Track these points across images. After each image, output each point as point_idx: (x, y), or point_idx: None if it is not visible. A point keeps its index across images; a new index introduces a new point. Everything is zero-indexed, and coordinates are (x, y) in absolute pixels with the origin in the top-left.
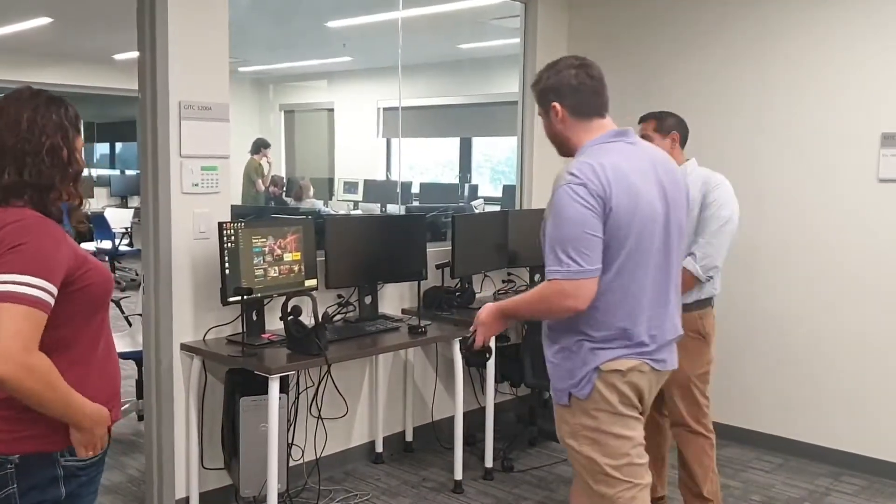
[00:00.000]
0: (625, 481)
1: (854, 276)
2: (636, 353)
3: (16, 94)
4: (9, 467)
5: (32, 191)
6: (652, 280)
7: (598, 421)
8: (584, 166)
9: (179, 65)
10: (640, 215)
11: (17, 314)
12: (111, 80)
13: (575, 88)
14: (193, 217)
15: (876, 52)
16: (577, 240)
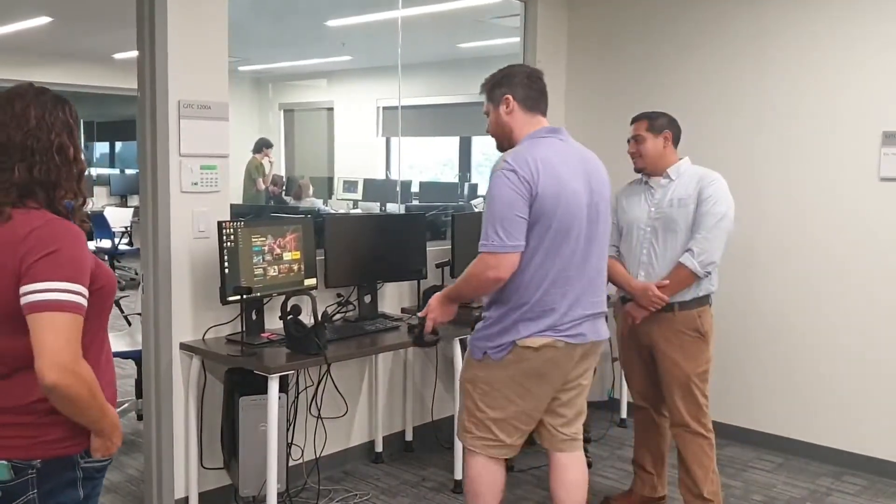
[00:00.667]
0: (492, 433)
1: (855, 275)
2: (551, 331)
3: (20, 90)
4: (30, 472)
5: (42, 190)
6: (572, 261)
7: (497, 381)
8: (518, 156)
9: (179, 64)
10: (564, 202)
11: (64, 322)
12: (111, 79)
13: (526, 84)
14: (193, 216)
15: (876, 50)
16: (504, 219)
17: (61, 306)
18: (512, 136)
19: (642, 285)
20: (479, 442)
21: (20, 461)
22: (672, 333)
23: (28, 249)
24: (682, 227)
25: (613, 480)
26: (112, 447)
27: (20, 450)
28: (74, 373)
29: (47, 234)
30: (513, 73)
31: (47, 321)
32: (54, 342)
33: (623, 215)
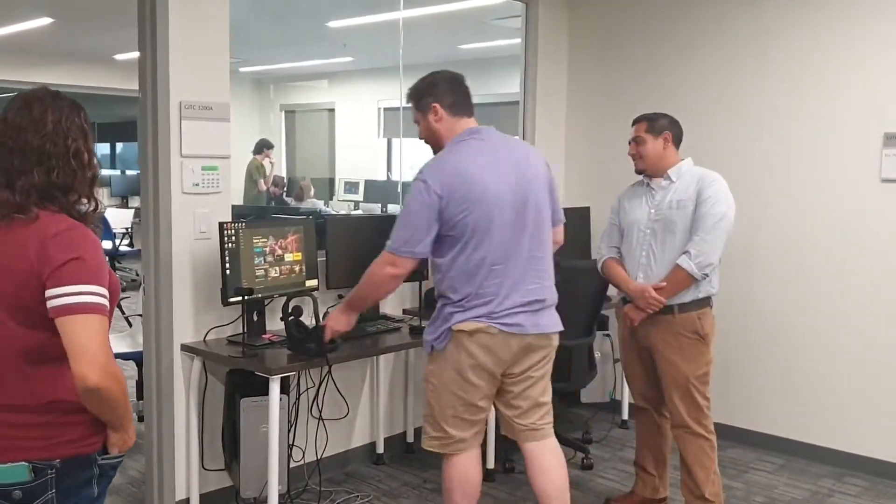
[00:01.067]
0: (443, 429)
1: (856, 276)
2: (485, 318)
3: (37, 94)
4: (50, 472)
5: (60, 193)
6: (500, 253)
7: (444, 375)
8: (431, 167)
9: (180, 65)
10: (478, 200)
11: (96, 324)
12: (112, 80)
13: (452, 90)
14: (194, 217)
15: (878, 51)
16: (409, 226)
17: (92, 308)
18: (442, 141)
19: (639, 287)
20: (436, 442)
21: (40, 462)
22: (671, 336)
23: (53, 253)
24: (681, 228)
25: (615, 482)
26: (129, 441)
27: (40, 450)
28: (111, 373)
29: (72, 239)
30: (437, 81)
31: (80, 324)
32: (91, 344)
33: (624, 216)
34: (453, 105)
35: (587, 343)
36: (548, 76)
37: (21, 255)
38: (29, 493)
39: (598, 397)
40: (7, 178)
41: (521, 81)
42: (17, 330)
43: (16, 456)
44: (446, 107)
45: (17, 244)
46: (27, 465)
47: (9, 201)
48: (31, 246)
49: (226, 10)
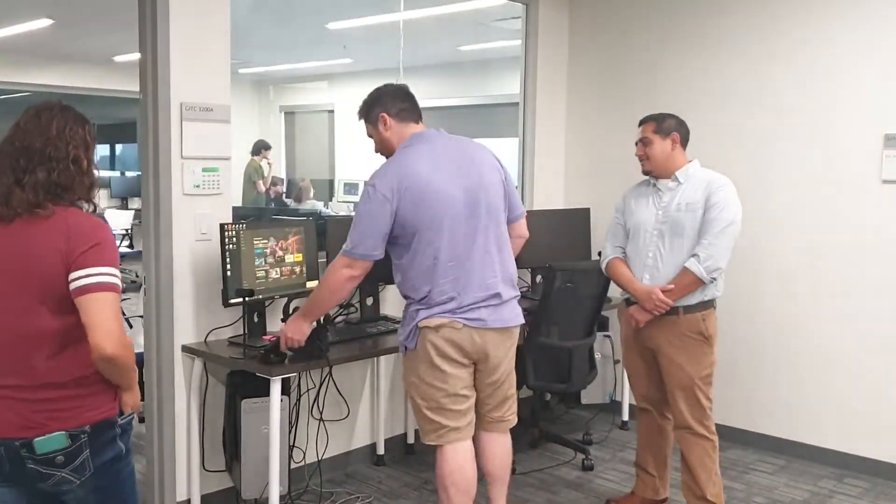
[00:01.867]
0: (435, 421)
1: (858, 277)
2: (447, 312)
3: (48, 105)
4: (83, 437)
5: (62, 191)
6: (454, 251)
7: (420, 371)
8: (379, 173)
9: (181, 66)
10: (428, 201)
11: (113, 300)
12: (111, 81)
13: (398, 99)
14: (195, 218)
15: (879, 53)
16: (361, 231)
17: (110, 287)
18: (392, 149)
19: (646, 289)
20: (434, 434)
21: (74, 429)
22: (676, 337)
23: (77, 241)
24: (689, 231)
25: (615, 483)
26: (137, 399)
27: (73, 420)
28: (124, 343)
29: (91, 227)
30: (382, 93)
31: (101, 300)
32: (107, 319)
33: (630, 217)
34: (399, 112)
35: (588, 344)
36: (548, 77)
37: (48, 246)
38: (68, 457)
39: (599, 398)
40: (15, 176)
41: (521, 83)
42: (48, 317)
43: (55, 427)
44: (393, 115)
45: (42, 237)
46: (64, 433)
47: (27, 199)
48: (57, 237)
49: (227, 12)
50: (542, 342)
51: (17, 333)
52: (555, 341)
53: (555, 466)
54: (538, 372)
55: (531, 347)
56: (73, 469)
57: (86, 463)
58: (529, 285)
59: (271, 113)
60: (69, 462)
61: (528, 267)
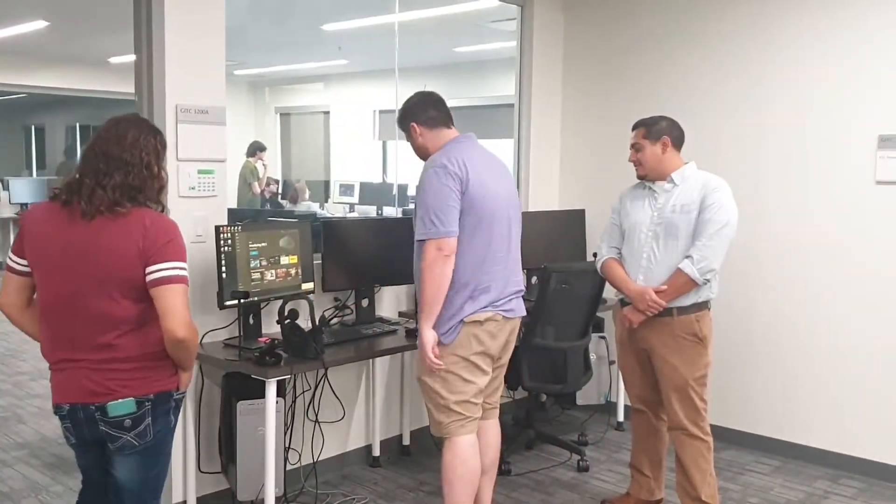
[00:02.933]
0: (459, 413)
1: (852, 278)
2: (491, 307)
3: (125, 117)
4: (147, 404)
5: (135, 192)
6: (501, 244)
7: (454, 364)
8: (444, 155)
9: (176, 68)
10: (487, 195)
11: (183, 291)
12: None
13: (424, 109)
14: (190, 220)
15: (872, 54)
16: (438, 208)
17: (183, 279)
18: (429, 152)
19: (640, 289)
20: (453, 424)
21: (141, 396)
22: (670, 338)
23: (154, 238)
24: (684, 233)
25: (611, 484)
26: (190, 380)
27: (141, 388)
28: (193, 328)
29: (165, 226)
30: (411, 104)
31: (176, 291)
32: (180, 307)
33: (626, 218)
34: (427, 121)
35: (583, 345)
36: (543, 79)
37: (128, 241)
38: (135, 420)
39: (594, 399)
40: (96, 178)
41: (517, 84)
42: (124, 302)
43: (125, 393)
44: (421, 123)
45: (120, 232)
46: (133, 399)
47: (108, 198)
48: (135, 233)
49: (222, 14)
50: (537, 343)
51: (95, 316)
52: (550, 342)
53: (550, 467)
54: (533, 373)
55: (527, 348)
56: (137, 433)
57: (147, 429)
58: (525, 286)
59: (267, 114)
60: (135, 426)
61: (524, 268)
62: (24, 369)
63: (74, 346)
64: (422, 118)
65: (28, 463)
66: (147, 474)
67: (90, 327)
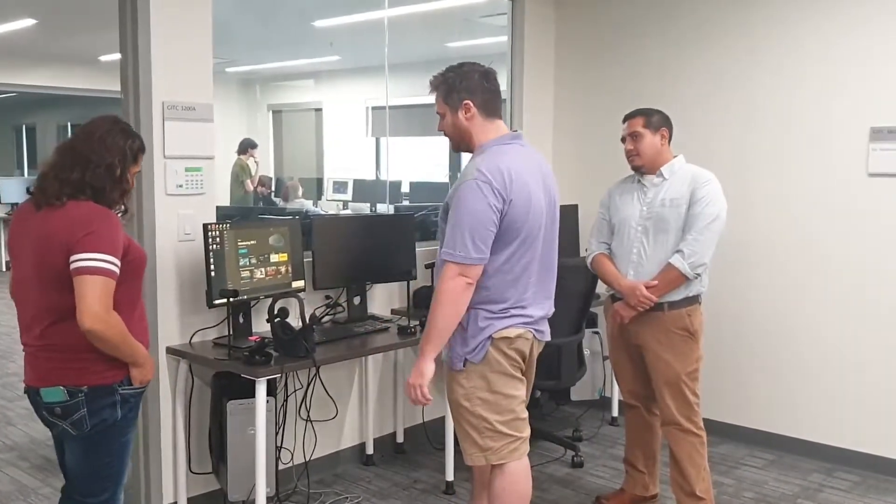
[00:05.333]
0: (510, 435)
1: (845, 271)
2: (522, 324)
3: (100, 118)
4: (80, 396)
5: (91, 190)
6: (538, 264)
7: (491, 383)
8: (490, 165)
9: (162, 65)
10: (531, 211)
11: (98, 283)
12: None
13: (485, 89)
14: (178, 219)
15: (864, 46)
16: (475, 230)
17: (97, 271)
18: (471, 141)
19: (631, 284)
20: (505, 450)
21: (72, 387)
22: (662, 333)
23: (76, 229)
24: (674, 227)
25: (605, 479)
26: (148, 375)
27: (73, 378)
28: (104, 320)
29: (89, 217)
30: (469, 76)
31: (87, 281)
32: (89, 297)
33: (616, 213)
34: (486, 104)
35: (576, 341)
36: (535, 73)
37: (56, 231)
38: (66, 410)
39: (588, 395)
40: (55, 172)
41: (508, 79)
42: (57, 293)
43: (55, 381)
44: (478, 106)
45: (53, 224)
46: (62, 388)
47: (57, 191)
48: (62, 224)
49: (209, 10)
50: None
51: (34, 304)
52: None
53: (545, 463)
54: None
55: None
56: (72, 423)
57: (83, 420)
58: None
59: (259, 112)
60: (67, 415)
61: None
62: (13, 370)
63: (26, 332)
64: (481, 98)
65: (16, 465)
66: (92, 464)
67: (33, 315)
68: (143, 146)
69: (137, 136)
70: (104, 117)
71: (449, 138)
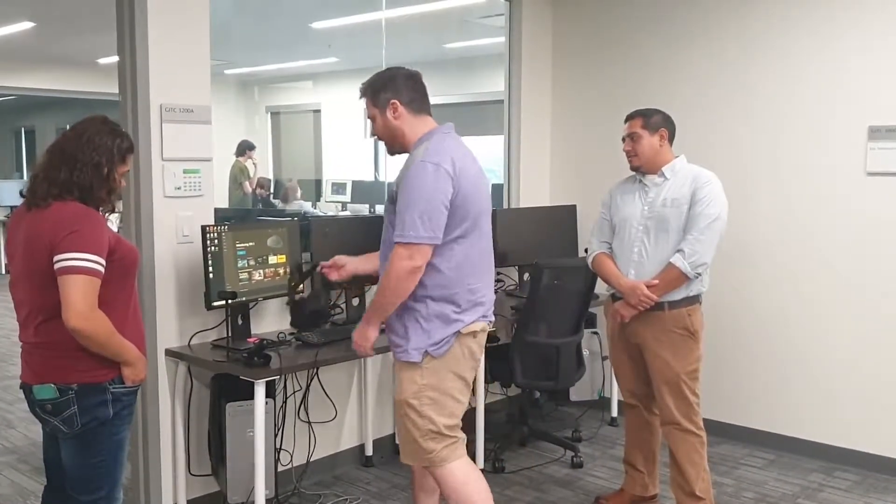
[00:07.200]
0: (449, 437)
1: (843, 269)
2: (483, 317)
3: (88, 118)
4: (70, 393)
5: (78, 190)
6: (485, 250)
7: (444, 384)
8: (436, 152)
9: (160, 67)
10: (475, 195)
11: (81, 282)
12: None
13: (410, 87)
14: (176, 220)
15: (862, 44)
16: (426, 210)
17: (80, 270)
18: (404, 139)
19: (631, 284)
20: (447, 450)
21: (62, 384)
22: (662, 332)
23: (59, 229)
24: (675, 227)
25: (605, 480)
26: (140, 374)
27: (63, 376)
28: (89, 319)
29: (72, 217)
30: (394, 77)
31: (70, 281)
32: (73, 296)
33: (616, 212)
34: (412, 102)
35: (575, 341)
36: (532, 74)
37: (41, 232)
38: (56, 407)
39: (587, 395)
40: (45, 172)
41: (506, 80)
42: (45, 292)
43: (46, 378)
44: (405, 104)
45: (40, 225)
46: (53, 386)
47: (44, 191)
48: (47, 225)
49: (206, 12)
50: (529, 340)
51: (26, 302)
52: (542, 339)
53: (544, 464)
54: (526, 370)
55: (519, 345)
56: (62, 420)
57: (73, 418)
58: (517, 283)
59: (257, 113)
60: (58, 413)
61: (515, 264)
62: (13, 373)
63: (23, 330)
64: (406, 97)
65: (16, 468)
66: (84, 462)
67: (26, 313)
68: (131, 146)
69: (126, 135)
70: (93, 117)
71: (383, 141)
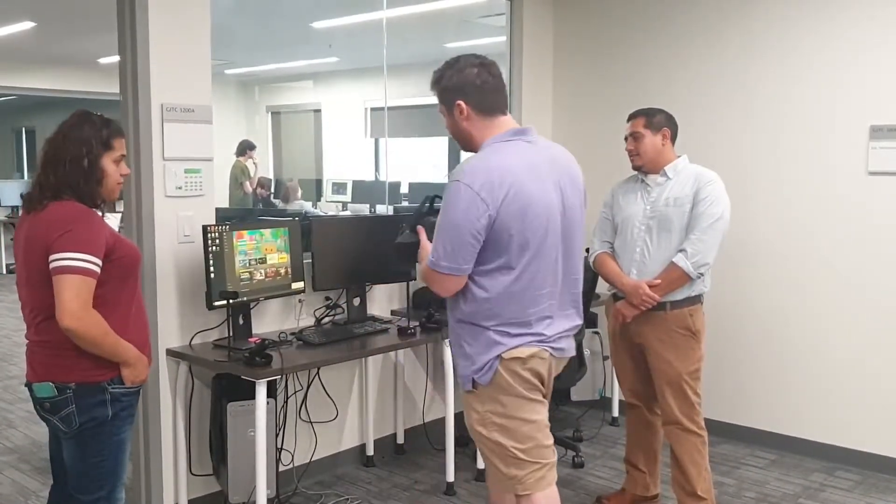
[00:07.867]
0: (533, 462)
1: (844, 269)
2: (536, 342)
3: (72, 114)
4: (68, 392)
5: (69, 189)
6: (548, 274)
7: (506, 407)
8: (476, 169)
9: (161, 67)
10: (530, 215)
11: (74, 282)
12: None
13: (478, 87)
14: (177, 220)
15: (864, 44)
16: (453, 240)
17: (74, 270)
18: (473, 140)
19: (634, 283)
20: (530, 479)
21: (60, 383)
22: (664, 332)
23: (53, 229)
24: (677, 226)
25: (606, 479)
26: (140, 375)
27: (61, 375)
28: (81, 318)
29: (66, 217)
30: (462, 73)
31: (63, 280)
32: (66, 296)
33: (619, 211)
34: (481, 103)
35: (577, 341)
36: (533, 74)
37: (38, 233)
38: (55, 405)
39: (589, 395)
40: (37, 177)
41: (507, 79)
42: (42, 292)
43: (46, 377)
44: (473, 105)
45: (36, 227)
46: (51, 384)
47: (37, 196)
48: (43, 226)
49: (207, 13)
50: None
51: (27, 302)
52: None
53: None
54: None
55: None
56: (61, 419)
57: (72, 417)
58: None
59: (257, 113)
60: (56, 411)
61: None
62: (15, 373)
63: (28, 329)
64: (474, 98)
65: (17, 468)
66: (85, 461)
67: (29, 313)
68: (113, 132)
69: (107, 122)
70: (74, 113)
71: (454, 139)
